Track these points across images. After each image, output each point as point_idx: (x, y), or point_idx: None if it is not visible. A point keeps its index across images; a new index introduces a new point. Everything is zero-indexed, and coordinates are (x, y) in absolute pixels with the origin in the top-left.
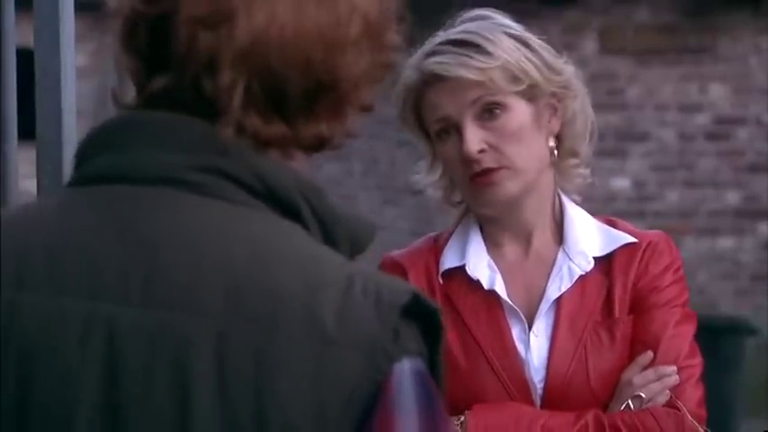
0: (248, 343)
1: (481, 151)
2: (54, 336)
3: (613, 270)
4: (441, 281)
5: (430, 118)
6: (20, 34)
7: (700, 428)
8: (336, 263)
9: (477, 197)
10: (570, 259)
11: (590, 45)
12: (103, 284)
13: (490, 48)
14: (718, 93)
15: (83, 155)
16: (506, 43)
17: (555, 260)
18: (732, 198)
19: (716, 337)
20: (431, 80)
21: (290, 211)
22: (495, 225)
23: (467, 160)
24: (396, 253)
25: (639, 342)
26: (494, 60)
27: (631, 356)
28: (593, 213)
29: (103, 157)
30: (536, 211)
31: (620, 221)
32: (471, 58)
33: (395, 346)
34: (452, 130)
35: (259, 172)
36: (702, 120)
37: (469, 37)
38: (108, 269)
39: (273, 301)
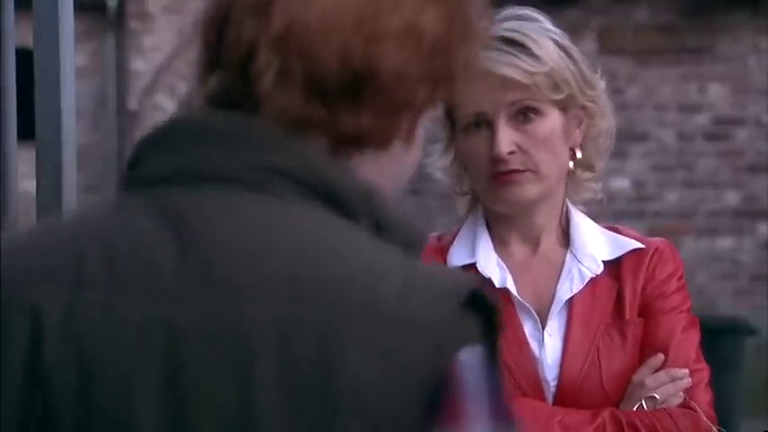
0: (313, 326)
1: (511, 153)
2: (113, 336)
3: (623, 274)
4: None
5: (463, 109)
6: (19, 34)
7: (714, 428)
8: (396, 254)
9: (496, 194)
10: (579, 262)
11: (589, 45)
12: (162, 284)
13: (538, 51)
14: (717, 93)
15: (139, 157)
16: (552, 49)
17: (563, 262)
18: (731, 198)
19: (715, 338)
20: (478, 74)
21: (347, 210)
22: (505, 224)
23: (495, 159)
24: None
25: (648, 345)
26: (541, 65)
27: (641, 360)
28: (595, 218)
29: (161, 159)
30: (547, 215)
31: (623, 228)
32: (519, 59)
33: (458, 333)
34: (483, 125)
35: (318, 172)
36: (702, 120)
37: (518, 37)
38: (166, 269)
39: (337, 285)
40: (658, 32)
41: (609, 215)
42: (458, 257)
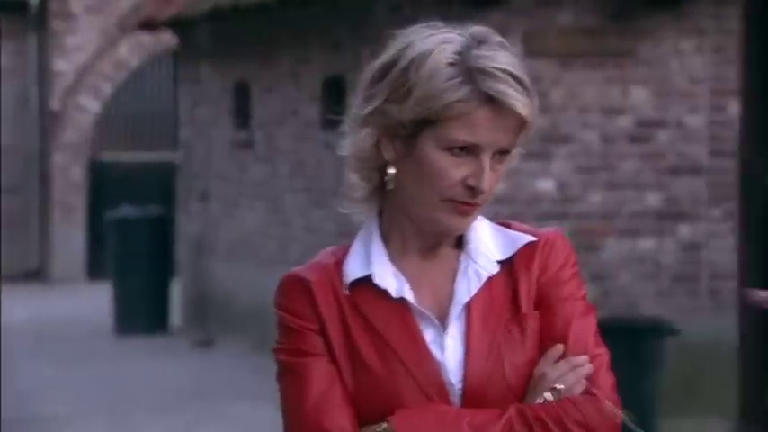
0: None
1: None
2: None
3: (516, 269)
4: (347, 292)
5: (460, 134)
6: None
7: (618, 412)
8: None
9: (446, 219)
10: (475, 262)
11: (513, 48)
12: None
13: (532, 95)
14: (639, 96)
15: None
16: (533, 92)
17: (458, 265)
18: (653, 200)
19: (637, 338)
20: (486, 103)
21: None
22: (406, 234)
23: (474, 191)
24: (298, 269)
25: (547, 336)
26: (534, 108)
27: (541, 351)
28: (514, 216)
29: None
30: None
31: (514, 223)
32: (528, 98)
33: None
34: (470, 153)
35: None
36: (624, 122)
37: (522, 75)
38: None
39: None
40: (582, 35)
41: (533, 217)
42: (353, 271)
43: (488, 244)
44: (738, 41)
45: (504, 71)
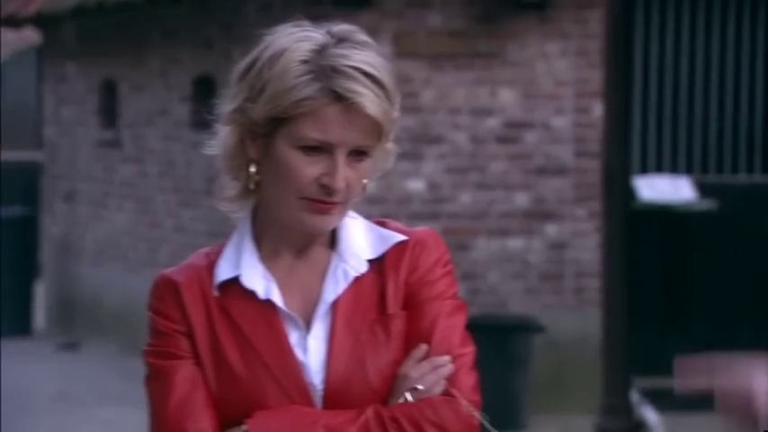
0: None
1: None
2: None
3: (385, 268)
4: (216, 293)
5: (310, 132)
6: None
7: (475, 413)
8: None
9: (305, 218)
10: (345, 262)
11: (384, 49)
12: None
13: (390, 95)
14: (507, 97)
15: None
16: (393, 91)
17: (329, 265)
18: (521, 200)
19: (505, 336)
20: (336, 100)
21: None
22: (278, 234)
23: (327, 190)
24: (169, 270)
25: (413, 336)
26: (392, 111)
27: (407, 350)
28: (385, 216)
29: None
30: None
31: (390, 221)
32: (380, 98)
33: None
34: (323, 152)
35: None
36: (493, 123)
37: (379, 75)
38: None
39: None
40: (451, 37)
41: (404, 216)
42: (223, 272)
43: (360, 243)
44: (601, 45)
45: (357, 69)
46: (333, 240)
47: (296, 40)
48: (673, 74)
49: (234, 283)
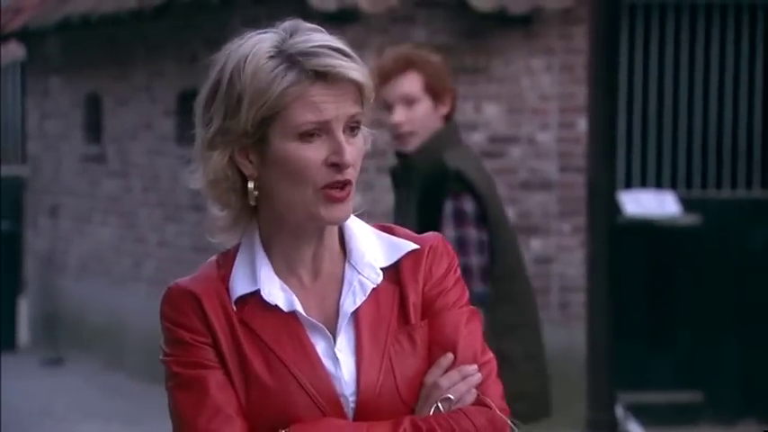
0: None
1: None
2: None
3: (402, 278)
4: (234, 307)
5: (305, 116)
6: None
7: (508, 421)
8: None
9: (325, 212)
10: (359, 273)
11: (369, 63)
12: None
13: (359, 62)
14: (492, 112)
15: None
16: (357, 59)
17: (343, 276)
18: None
19: None
20: (317, 79)
21: None
22: (287, 244)
23: (338, 166)
24: (183, 281)
25: (436, 345)
26: (366, 72)
27: (430, 359)
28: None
29: None
30: (330, 230)
31: (396, 227)
32: (356, 63)
33: None
34: (322, 134)
35: None
36: (478, 138)
37: (342, 47)
38: None
39: None
40: (436, 52)
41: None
42: (240, 286)
43: (372, 252)
44: (585, 61)
45: (323, 47)
46: (342, 250)
47: (252, 45)
48: (657, 89)
49: (251, 297)
